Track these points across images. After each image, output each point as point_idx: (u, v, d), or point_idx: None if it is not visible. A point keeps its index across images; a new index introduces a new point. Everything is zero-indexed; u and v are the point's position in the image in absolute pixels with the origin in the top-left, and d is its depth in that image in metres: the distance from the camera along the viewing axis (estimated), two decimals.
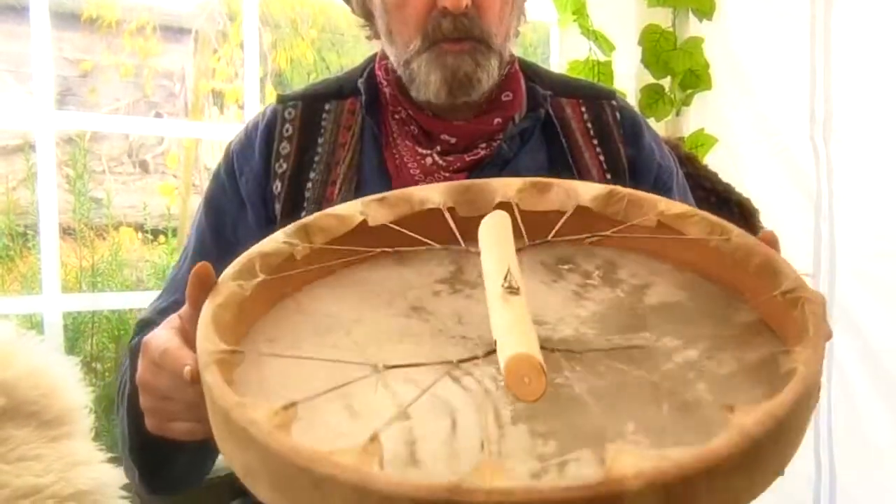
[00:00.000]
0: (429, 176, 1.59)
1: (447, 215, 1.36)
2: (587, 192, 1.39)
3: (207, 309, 1.17)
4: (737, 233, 1.32)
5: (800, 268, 1.34)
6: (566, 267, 1.36)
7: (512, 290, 1.13)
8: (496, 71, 1.59)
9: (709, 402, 1.10)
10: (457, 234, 1.34)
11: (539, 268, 1.36)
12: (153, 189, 3.91)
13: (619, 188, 1.39)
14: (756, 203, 2.59)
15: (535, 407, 1.04)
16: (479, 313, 1.19)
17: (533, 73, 1.71)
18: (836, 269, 3.01)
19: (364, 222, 1.34)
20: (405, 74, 1.60)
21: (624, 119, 1.72)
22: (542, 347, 1.06)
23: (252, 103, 2.81)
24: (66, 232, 2.99)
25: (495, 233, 1.28)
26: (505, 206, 1.38)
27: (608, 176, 1.65)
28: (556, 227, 1.37)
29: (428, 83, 1.57)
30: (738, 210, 2.52)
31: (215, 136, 3.02)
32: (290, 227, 1.32)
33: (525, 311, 1.10)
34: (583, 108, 1.70)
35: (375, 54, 1.72)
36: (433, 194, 1.38)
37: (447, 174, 1.60)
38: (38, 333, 2.21)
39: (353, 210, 1.35)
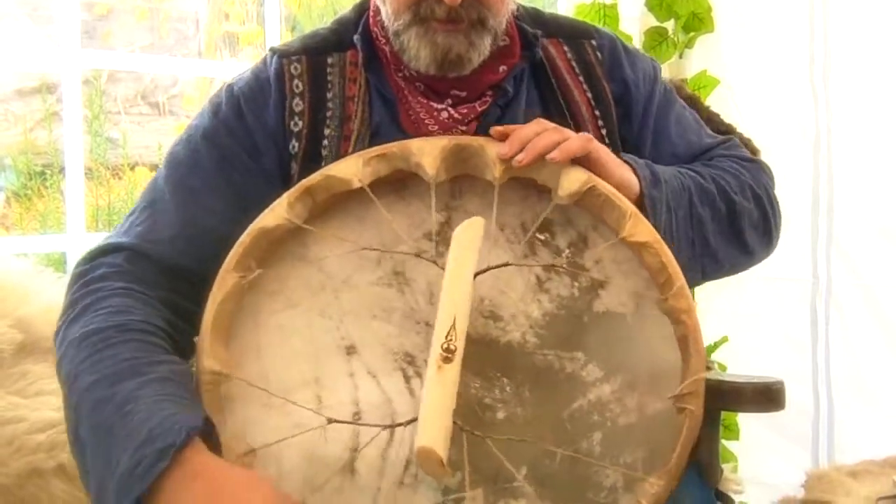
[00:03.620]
0: (446, 131, 1.56)
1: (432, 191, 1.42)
2: (567, 184, 1.41)
3: (210, 310, 1.34)
4: (674, 292, 1.36)
5: (799, 220, 1.43)
6: (542, 237, 1.44)
7: (447, 358, 1.22)
8: (488, 48, 1.54)
9: (596, 455, 1.31)
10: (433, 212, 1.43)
11: (519, 231, 1.44)
12: (168, 129, 3.89)
13: (598, 186, 1.42)
14: (757, 143, 2.57)
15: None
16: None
17: (519, 14, 1.67)
18: (835, 206, 2.99)
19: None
20: (395, 43, 1.55)
21: (604, 57, 1.69)
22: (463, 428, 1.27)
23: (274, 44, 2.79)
24: (84, 172, 2.97)
25: (463, 253, 1.34)
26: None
27: (596, 112, 1.64)
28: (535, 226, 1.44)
29: (417, 58, 1.53)
30: None
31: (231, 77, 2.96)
32: (294, 191, 1.42)
33: (452, 386, 1.22)
34: (565, 48, 1.68)
35: (367, 2, 1.66)
36: (427, 159, 1.42)
37: (463, 127, 1.57)
38: (58, 271, 2.20)
39: (353, 171, 1.43)
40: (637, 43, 3.13)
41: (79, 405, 1.28)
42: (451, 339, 1.23)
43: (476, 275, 1.33)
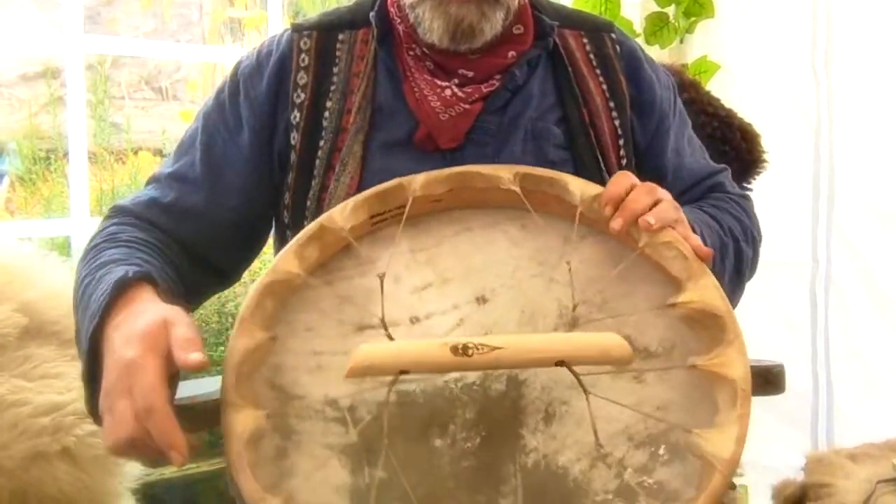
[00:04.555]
0: (449, 108, 1.56)
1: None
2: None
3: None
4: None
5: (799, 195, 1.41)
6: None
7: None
8: (500, 22, 1.56)
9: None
10: None
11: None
12: (171, 115, 3.88)
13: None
14: (757, 128, 2.57)
15: None
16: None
17: (538, 3, 1.68)
18: (836, 192, 2.98)
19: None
20: (411, 16, 1.57)
21: (623, 52, 1.70)
22: None
23: (276, 30, 2.78)
24: (88, 156, 2.97)
25: None
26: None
27: (611, 104, 1.65)
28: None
29: (431, 29, 1.54)
30: (740, 135, 2.50)
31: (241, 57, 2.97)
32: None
33: None
34: (584, 40, 1.69)
35: None
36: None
37: (466, 105, 1.57)
38: (62, 255, 2.20)
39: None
40: (638, 28, 3.14)
41: (75, 293, 1.42)
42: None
43: None
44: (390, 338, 1.30)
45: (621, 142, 1.63)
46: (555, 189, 1.42)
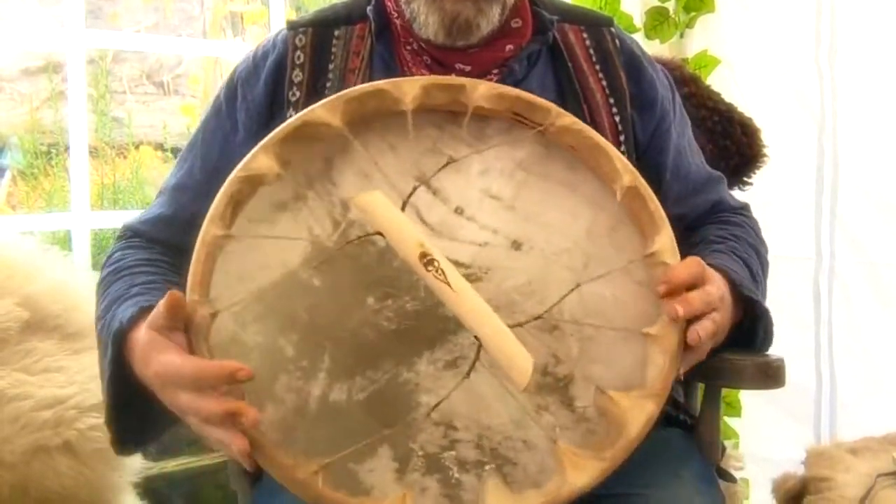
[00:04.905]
0: None
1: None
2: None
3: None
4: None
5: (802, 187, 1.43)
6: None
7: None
8: (497, 17, 1.55)
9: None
10: None
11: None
12: (172, 109, 3.88)
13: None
14: (759, 123, 2.56)
15: None
16: None
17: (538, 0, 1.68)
18: (839, 186, 2.97)
19: None
20: (406, 11, 1.57)
21: (623, 48, 1.70)
22: None
23: (278, 24, 2.78)
24: (89, 151, 2.97)
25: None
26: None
27: (611, 100, 1.64)
28: None
29: (427, 25, 1.54)
30: (740, 129, 2.49)
31: (237, 57, 2.97)
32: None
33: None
34: (584, 35, 1.68)
35: None
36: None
37: None
38: (63, 249, 2.20)
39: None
40: (638, 23, 3.13)
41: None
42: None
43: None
44: (404, 205, 1.34)
45: (622, 137, 1.62)
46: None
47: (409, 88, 1.37)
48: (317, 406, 1.28)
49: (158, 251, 1.56)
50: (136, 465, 1.80)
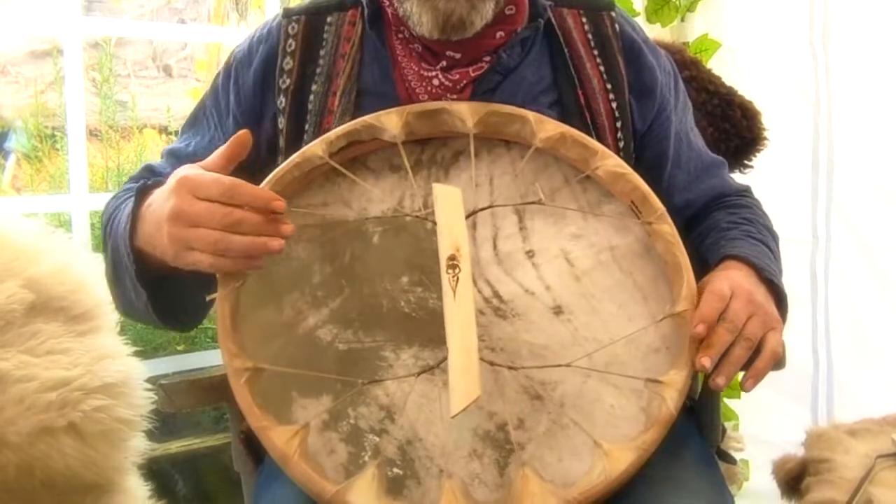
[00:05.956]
0: (437, 98, 1.56)
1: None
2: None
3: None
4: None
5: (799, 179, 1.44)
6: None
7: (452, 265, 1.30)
8: (491, 11, 1.54)
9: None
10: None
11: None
12: (176, 93, 3.87)
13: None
14: (758, 106, 2.56)
15: None
16: None
17: None
18: (835, 167, 2.97)
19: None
20: (400, 9, 1.55)
21: (623, 33, 1.68)
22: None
23: (273, 8, 2.77)
24: (93, 134, 2.96)
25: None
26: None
27: (608, 86, 1.63)
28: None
29: (421, 23, 1.53)
30: (740, 112, 2.49)
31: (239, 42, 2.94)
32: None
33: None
34: (583, 19, 1.67)
35: None
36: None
37: (454, 95, 1.56)
38: (66, 231, 2.19)
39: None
40: (639, 7, 3.13)
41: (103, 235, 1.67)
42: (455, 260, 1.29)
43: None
44: (470, 215, 1.42)
45: (618, 124, 1.61)
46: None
47: (541, 129, 1.45)
48: (303, 332, 1.34)
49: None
50: (140, 446, 1.79)
